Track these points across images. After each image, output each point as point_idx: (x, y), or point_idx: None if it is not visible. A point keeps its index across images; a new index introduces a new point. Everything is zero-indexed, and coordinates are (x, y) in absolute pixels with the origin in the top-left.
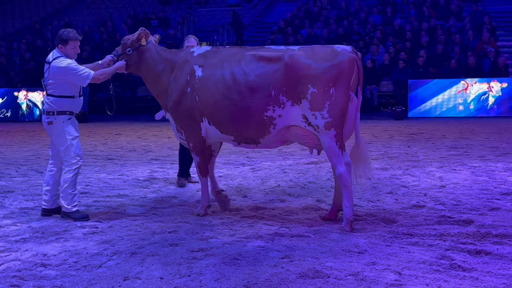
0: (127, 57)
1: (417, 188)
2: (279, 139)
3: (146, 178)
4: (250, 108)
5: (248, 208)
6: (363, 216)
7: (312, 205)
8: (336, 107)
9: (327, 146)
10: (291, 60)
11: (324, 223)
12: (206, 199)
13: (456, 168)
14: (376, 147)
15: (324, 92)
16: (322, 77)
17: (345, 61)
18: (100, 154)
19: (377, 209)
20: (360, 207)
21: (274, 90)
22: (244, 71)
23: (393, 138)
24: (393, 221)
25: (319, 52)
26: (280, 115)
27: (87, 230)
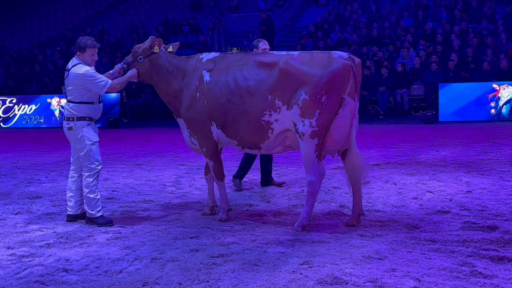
0: (138, 65)
1: (443, 193)
2: (280, 144)
3: (172, 184)
4: (249, 113)
5: (271, 213)
6: (386, 222)
7: (335, 211)
8: (325, 116)
9: (306, 153)
10: (285, 65)
11: (346, 229)
12: (226, 203)
13: (484, 173)
14: (404, 151)
15: (316, 100)
16: (315, 85)
17: (339, 69)
18: (129, 160)
19: (401, 215)
20: (384, 212)
21: (271, 95)
22: (245, 76)
23: (422, 143)
24: (416, 227)
25: (316, 58)
26: (277, 119)
27: (111, 235)
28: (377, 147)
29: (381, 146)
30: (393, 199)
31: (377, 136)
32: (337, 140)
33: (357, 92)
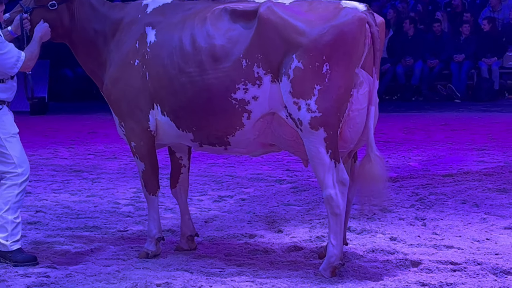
0: (49, 15)
1: None
2: (259, 140)
3: (129, 202)
4: (213, 87)
5: (282, 248)
6: (463, 264)
7: (382, 246)
8: (331, 95)
9: (313, 153)
10: (268, 14)
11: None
12: (156, 228)
13: None
14: (492, 155)
15: (313, 70)
16: (312, 46)
17: (349, 23)
18: (61, 164)
19: (486, 253)
20: (459, 250)
21: (246, 60)
22: (209, 33)
23: None
24: (509, 272)
25: (316, 7)
26: (256, 96)
27: (33, 280)
28: (450, 147)
29: (456, 147)
30: (474, 228)
31: (450, 131)
32: (348, 137)
33: (376, 66)
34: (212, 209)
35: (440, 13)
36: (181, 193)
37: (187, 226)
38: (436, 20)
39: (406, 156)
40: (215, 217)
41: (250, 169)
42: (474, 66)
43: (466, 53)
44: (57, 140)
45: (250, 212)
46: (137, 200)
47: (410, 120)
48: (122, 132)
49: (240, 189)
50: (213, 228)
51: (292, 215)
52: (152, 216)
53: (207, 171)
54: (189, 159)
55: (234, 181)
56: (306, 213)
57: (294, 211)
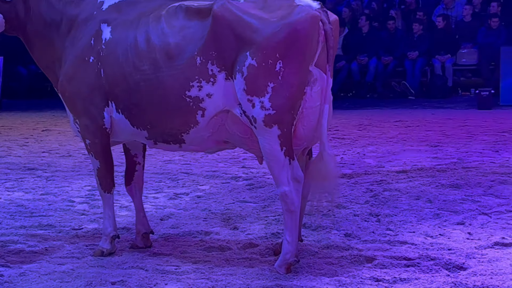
0: (3, 7)
1: (504, 216)
2: (213, 137)
3: (85, 200)
4: (167, 85)
5: (238, 246)
6: (416, 259)
7: (337, 243)
8: (284, 92)
9: (267, 151)
10: (222, 11)
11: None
12: (111, 226)
13: None
14: (445, 152)
15: (267, 68)
16: (265, 43)
17: (302, 21)
18: (15, 162)
19: (439, 249)
20: (413, 245)
21: (201, 57)
22: (163, 31)
23: (474, 138)
24: (461, 267)
25: (270, 5)
26: (210, 94)
27: None
28: (404, 144)
29: (409, 143)
30: (427, 224)
31: (404, 128)
32: (302, 134)
33: (330, 63)
34: (168, 207)
35: (394, 10)
36: (136, 190)
37: (142, 224)
38: (390, 18)
39: (361, 152)
40: (171, 214)
41: (206, 166)
42: (427, 63)
43: (420, 50)
44: (10, 137)
45: (205, 210)
46: (92, 198)
47: (365, 117)
48: (76, 130)
49: (195, 186)
50: (168, 226)
51: (247, 212)
52: (107, 214)
53: (163, 168)
54: (144, 157)
55: (190, 178)
56: (262, 210)
57: (250, 208)
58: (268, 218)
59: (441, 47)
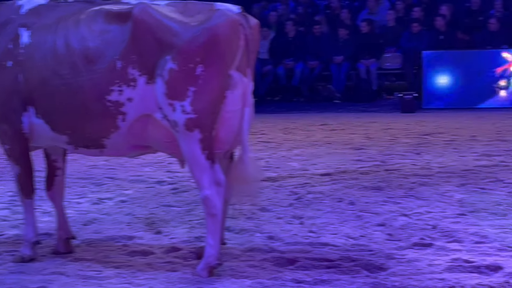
0: None
1: (424, 217)
2: (135, 142)
3: (6, 205)
4: (87, 89)
5: (161, 250)
6: (337, 260)
7: (260, 245)
8: (205, 96)
9: (189, 154)
10: (142, 15)
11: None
12: (32, 232)
13: (486, 187)
14: (368, 155)
15: (187, 72)
16: (185, 47)
17: (222, 25)
18: None
19: (360, 250)
20: (334, 247)
21: (121, 61)
22: (83, 35)
23: (397, 141)
24: (381, 268)
25: (190, 9)
26: (131, 98)
27: None
28: (328, 147)
29: (334, 146)
30: (349, 226)
31: (329, 131)
32: (223, 138)
33: (250, 67)
34: (91, 212)
35: (320, 15)
36: (57, 195)
37: (64, 229)
38: (316, 22)
39: (286, 156)
40: (94, 219)
41: (131, 171)
42: (353, 67)
43: (345, 54)
44: None
45: (129, 214)
46: (14, 203)
47: (290, 121)
48: None
49: (120, 191)
50: (91, 231)
51: (172, 216)
52: (28, 220)
53: (87, 173)
54: (64, 162)
55: (114, 183)
56: (186, 214)
57: (174, 212)
58: (192, 222)
59: (365, 51)
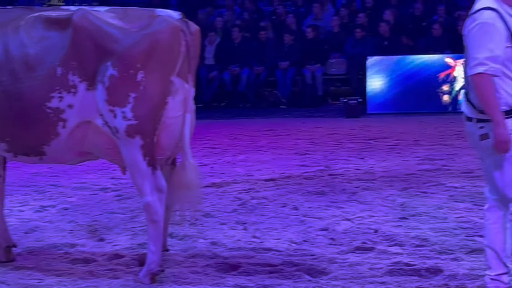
0: None
1: (366, 221)
2: (75, 149)
3: None
4: (26, 96)
5: (104, 257)
6: (279, 265)
7: (203, 251)
8: (146, 102)
9: (130, 161)
10: (82, 22)
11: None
12: None
13: (428, 191)
14: (313, 160)
15: (128, 78)
16: (126, 54)
17: (163, 31)
18: None
19: (303, 255)
20: (278, 252)
21: (61, 67)
22: (22, 41)
23: (342, 146)
24: (323, 272)
25: (131, 15)
26: (71, 105)
27: None
28: (273, 152)
29: (279, 152)
30: (292, 231)
31: (274, 136)
32: (165, 144)
33: (192, 73)
34: (33, 220)
35: (265, 21)
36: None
37: (4, 237)
38: (261, 28)
39: (231, 161)
40: (36, 227)
41: (74, 178)
42: (298, 73)
43: (290, 60)
44: None
45: (72, 222)
46: None
47: (236, 127)
48: None
49: (63, 198)
50: (33, 239)
51: (115, 223)
52: None
53: (30, 181)
54: (4, 169)
55: (58, 190)
56: (130, 221)
57: (118, 219)
58: (135, 228)
59: (311, 57)
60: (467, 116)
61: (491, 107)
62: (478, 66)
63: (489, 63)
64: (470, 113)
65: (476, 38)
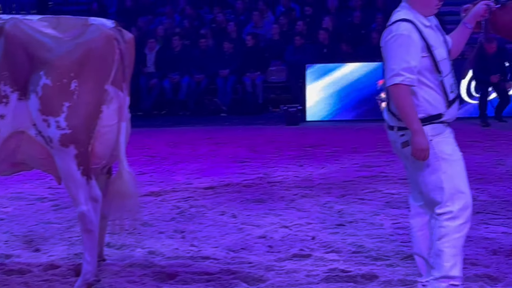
0: None
1: (304, 228)
2: (8, 160)
3: None
4: None
5: (39, 268)
6: (217, 274)
7: (140, 261)
8: (80, 111)
9: (64, 171)
10: (14, 30)
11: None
12: None
13: (365, 197)
14: (252, 167)
15: (61, 87)
16: (59, 63)
17: (96, 40)
18: None
19: (240, 263)
20: (215, 260)
21: None
22: None
23: (281, 154)
24: (260, 279)
25: (64, 25)
26: (3, 115)
27: None
28: (213, 160)
29: (218, 159)
30: (231, 239)
31: (214, 144)
32: (100, 153)
33: (126, 81)
34: None
35: (205, 29)
36: None
37: None
38: (201, 36)
39: (170, 170)
40: None
41: (10, 188)
42: (238, 81)
43: (231, 68)
44: None
45: (7, 232)
46: None
47: (176, 135)
48: None
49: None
50: None
51: (51, 233)
52: None
53: None
54: None
55: None
56: (66, 231)
57: (54, 229)
58: (71, 238)
59: (251, 65)
60: (389, 125)
61: (409, 116)
62: (395, 77)
63: (405, 74)
64: (391, 122)
65: (393, 49)
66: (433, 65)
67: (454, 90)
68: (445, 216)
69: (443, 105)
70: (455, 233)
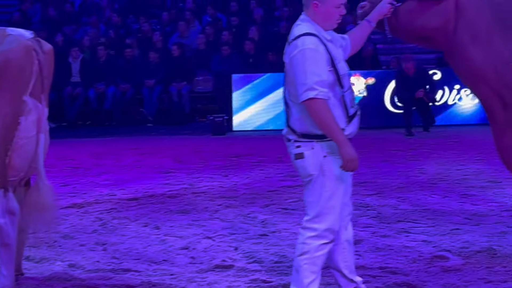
0: None
1: (227, 239)
2: None
3: None
4: None
5: None
6: (137, 286)
7: (60, 274)
8: None
9: None
10: None
11: None
12: None
13: (289, 207)
14: (177, 178)
15: None
16: None
17: (14, 50)
18: None
19: (162, 275)
20: (136, 273)
21: None
22: None
23: (206, 164)
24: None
25: None
26: None
27: None
28: (138, 171)
29: (143, 170)
30: (153, 250)
31: (140, 155)
32: (18, 165)
33: (45, 93)
34: None
35: (131, 38)
36: None
37: None
38: (127, 46)
39: (94, 181)
40: None
41: None
42: (165, 91)
43: (156, 78)
44: None
45: None
46: None
47: (101, 145)
48: None
49: None
50: None
51: None
52: None
53: None
54: None
55: None
56: None
57: None
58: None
59: (177, 74)
60: (287, 138)
61: (332, 128)
62: (309, 91)
63: (318, 88)
64: (289, 135)
65: (301, 64)
66: (336, 80)
67: (354, 105)
68: (309, 233)
69: (344, 121)
70: (316, 252)
